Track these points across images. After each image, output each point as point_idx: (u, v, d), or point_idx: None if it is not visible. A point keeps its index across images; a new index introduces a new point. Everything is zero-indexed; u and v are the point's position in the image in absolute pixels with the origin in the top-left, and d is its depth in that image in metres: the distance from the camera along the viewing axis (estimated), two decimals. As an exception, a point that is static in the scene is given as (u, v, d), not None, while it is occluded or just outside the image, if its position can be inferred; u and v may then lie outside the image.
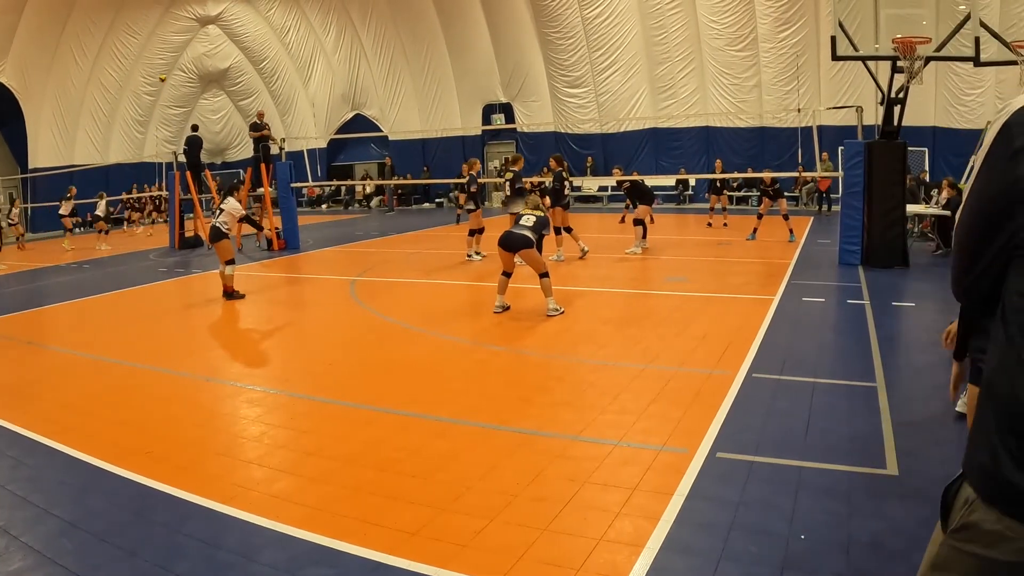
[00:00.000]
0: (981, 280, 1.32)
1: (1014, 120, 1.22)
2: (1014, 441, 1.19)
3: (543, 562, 3.16)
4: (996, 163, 1.24)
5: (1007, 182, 1.21)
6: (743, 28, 20.58)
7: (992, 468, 1.22)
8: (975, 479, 1.26)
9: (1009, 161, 1.21)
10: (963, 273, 1.36)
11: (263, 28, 28.42)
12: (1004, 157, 1.22)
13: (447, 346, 7.21)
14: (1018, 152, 1.19)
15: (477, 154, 24.60)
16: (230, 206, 10.54)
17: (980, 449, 1.26)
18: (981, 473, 1.25)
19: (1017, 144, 1.20)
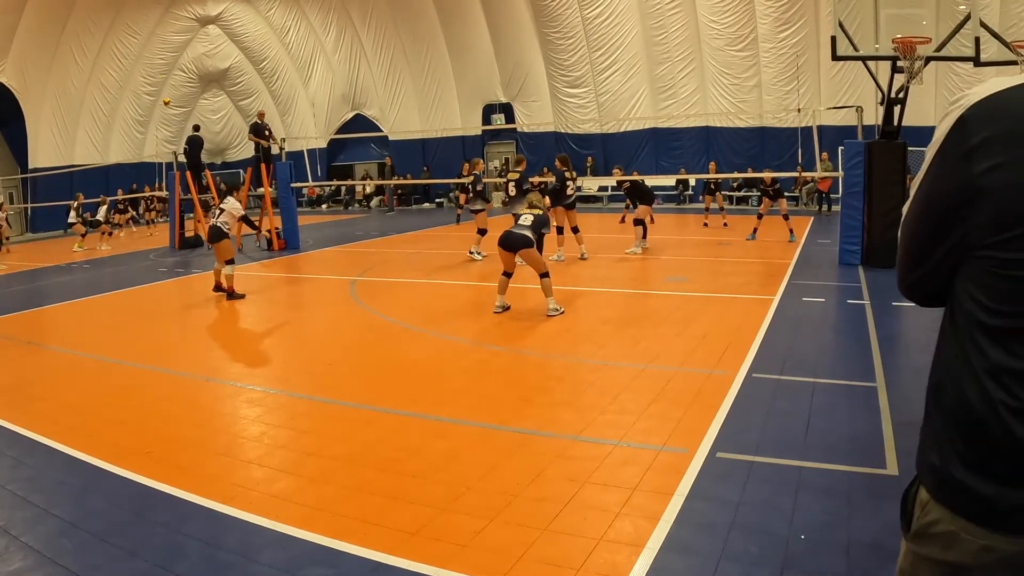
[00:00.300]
0: (928, 279, 1.26)
1: (971, 114, 1.14)
2: (962, 443, 1.18)
3: (543, 562, 3.16)
4: (949, 159, 1.16)
5: (960, 180, 1.14)
6: (743, 28, 20.58)
7: (942, 468, 1.20)
8: (927, 480, 1.25)
9: (963, 158, 1.13)
10: (909, 271, 1.29)
11: (263, 28, 28.42)
12: (958, 154, 1.14)
13: (447, 346, 7.21)
14: (974, 149, 1.11)
15: (477, 154, 24.59)
16: (230, 206, 10.56)
17: (930, 450, 1.24)
18: (932, 474, 1.23)
19: (973, 141, 1.12)
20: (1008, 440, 1.11)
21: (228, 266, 10.12)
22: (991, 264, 1.12)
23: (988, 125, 1.11)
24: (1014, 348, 1.11)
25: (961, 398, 1.17)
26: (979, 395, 1.14)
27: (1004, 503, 1.12)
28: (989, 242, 1.11)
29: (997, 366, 1.12)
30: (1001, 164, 1.09)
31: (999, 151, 1.09)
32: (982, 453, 1.15)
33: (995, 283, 1.12)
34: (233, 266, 10.29)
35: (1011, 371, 1.11)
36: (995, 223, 1.10)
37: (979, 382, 1.14)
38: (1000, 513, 1.13)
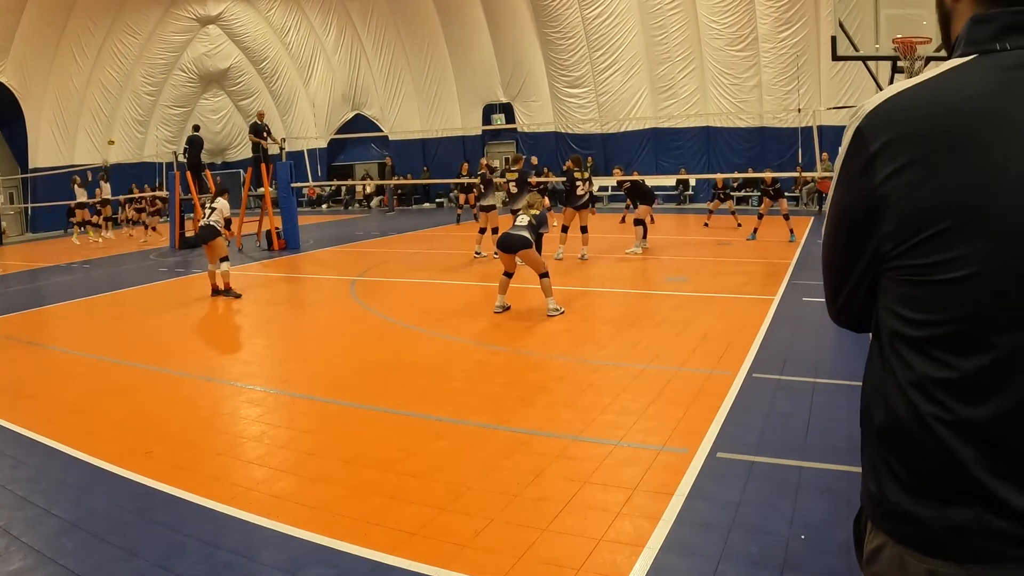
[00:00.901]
0: (852, 301, 1.21)
1: (866, 124, 1.10)
2: (896, 460, 1.12)
3: (543, 562, 3.16)
4: (851, 173, 1.12)
5: (864, 192, 1.09)
6: (743, 28, 20.58)
7: (878, 493, 1.16)
8: (867, 507, 1.21)
9: (864, 170, 1.09)
10: (834, 293, 1.24)
11: (263, 28, 28.43)
12: (858, 166, 1.10)
13: (447, 346, 7.21)
14: (873, 158, 1.08)
15: (477, 154, 24.60)
16: (220, 205, 10.59)
17: (867, 476, 1.20)
18: (870, 500, 1.19)
19: (872, 149, 1.08)
20: (943, 455, 1.06)
21: (224, 264, 10.16)
22: (905, 273, 1.08)
23: (883, 132, 1.07)
24: (940, 357, 1.05)
25: (890, 416, 1.12)
26: (908, 411, 1.09)
27: (942, 526, 1.07)
28: (900, 250, 1.07)
29: (924, 378, 1.07)
30: (900, 168, 1.05)
31: (897, 155, 1.05)
32: (917, 472, 1.10)
33: (911, 292, 1.08)
34: (229, 263, 10.31)
35: (939, 382, 1.06)
36: (902, 229, 1.06)
37: (907, 397, 1.09)
38: (939, 538, 1.07)
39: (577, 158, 12.71)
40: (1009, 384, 1.01)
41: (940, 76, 1.08)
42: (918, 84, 1.09)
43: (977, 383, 1.03)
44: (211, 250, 10.25)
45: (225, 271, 10.17)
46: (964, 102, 1.04)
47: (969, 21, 1.11)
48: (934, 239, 1.03)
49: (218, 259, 10.22)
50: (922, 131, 1.05)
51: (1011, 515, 1.02)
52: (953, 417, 1.05)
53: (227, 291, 10.17)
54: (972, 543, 1.05)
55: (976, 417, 1.04)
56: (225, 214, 10.64)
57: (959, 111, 1.03)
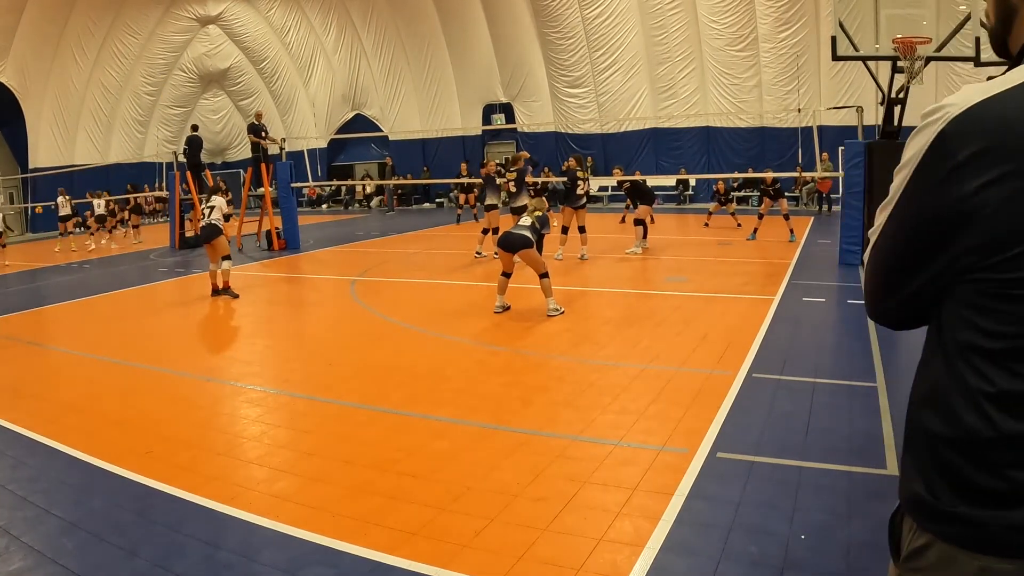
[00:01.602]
0: (906, 306, 1.18)
1: (952, 130, 1.03)
2: (955, 468, 1.10)
3: (543, 562, 3.16)
4: (932, 179, 1.06)
5: (949, 201, 1.04)
6: (743, 28, 20.58)
7: (930, 498, 1.13)
8: (912, 511, 1.18)
9: (948, 179, 1.03)
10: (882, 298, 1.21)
11: (263, 28, 28.44)
12: (941, 173, 1.04)
13: (447, 346, 7.21)
14: (960, 167, 1.02)
15: (477, 154, 24.62)
16: (217, 203, 10.57)
17: (914, 479, 1.17)
18: (918, 504, 1.17)
19: (959, 158, 1.02)
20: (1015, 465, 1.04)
21: (226, 262, 10.17)
22: (989, 286, 1.04)
23: (972, 141, 1.01)
24: (1022, 371, 1.03)
25: (956, 426, 1.09)
26: (981, 422, 1.06)
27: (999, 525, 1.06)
28: (986, 264, 1.03)
29: (1003, 391, 1.04)
30: (992, 182, 1.00)
31: (988, 168, 1.00)
32: (980, 482, 1.08)
33: (994, 304, 1.04)
34: (230, 262, 10.32)
35: (1020, 395, 1.03)
36: (991, 244, 1.02)
37: (980, 408, 1.07)
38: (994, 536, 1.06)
39: (579, 157, 12.74)
40: None
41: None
42: (1007, 90, 1.03)
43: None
44: (213, 249, 10.26)
45: (226, 269, 10.19)
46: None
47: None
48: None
49: (219, 257, 10.24)
50: (1016, 143, 0.99)
51: None
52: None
53: (226, 290, 10.18)
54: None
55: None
56: (224, 210, 10.68)
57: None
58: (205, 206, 10.69)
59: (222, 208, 10.58)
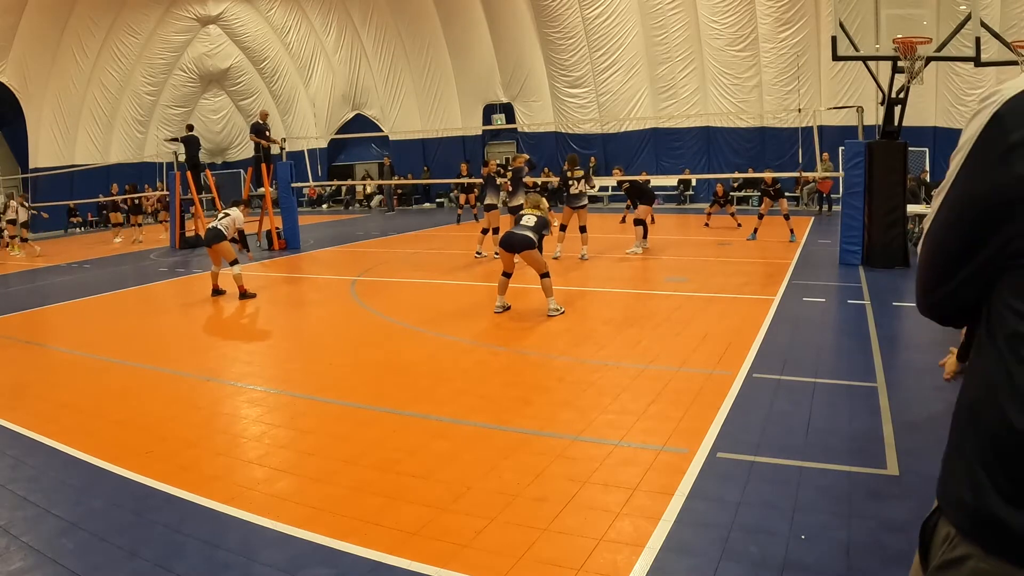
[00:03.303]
0: (958, 294, 1.16)
1: (1007, 110, 1.04)
2: (1002, 472, 1.06)
3: (543, 562, 3.16)
4: (986, 160, 1.06)
5: (1002, 182, 1.03)
6: (744, 28, 20.59)
7: (974, 502, 1.09)
8: (955, 515, 1.14)
9: (1001, 159, 1.03)
10: (935, 286, 1.19)
11: (264, 28, 28.43)
12: (995, 155, 1.04)
13: (447, 346, 7.21)
14: (1015, 146, 1.02)
15: (478, 154, 24.63)
16: (235, 214, 10.70)
17: (959, 481, 1.13)
18: (961, 508, 1.12)
19: (1014, 137, 1.02)
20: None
21: (235, 266, 10.18)
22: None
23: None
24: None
25: (1006, 425, 1.05)
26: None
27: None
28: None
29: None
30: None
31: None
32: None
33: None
34: (239, 265, 10.33)
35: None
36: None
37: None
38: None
39: (573, 157, 12.76)
40: None
41: None
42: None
43: None
44: (215, 253, 10.25)
45: (237, 274, 10.17)
46: None
47: None
48: None
49: (223, 262, 10.26)
50: None
51: None
52: None
53: (243, 294, 10.14)
54: None
55: None
56: (239, 225, 10.72)
57: None
58: (222, 212, 10.75)
59: (237, 221, 10.64)
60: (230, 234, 10.43)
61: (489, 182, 12.94)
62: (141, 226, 20.72)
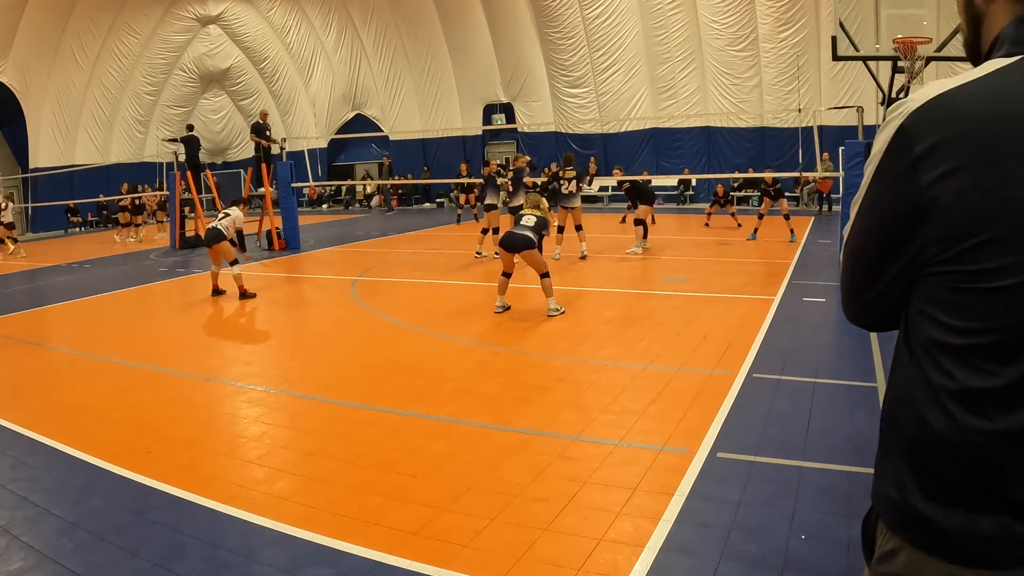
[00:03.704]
0: (877, 304, 1.17)
1: (912, 122, 1.04)
2: (925, 470, 1.10)
3: (543, 562, 3.16)
4: (893, 172, 1.07)
5: (907, 194, 1.05)
6: (744, 28, 20.58)
7: (900, 500, 1.13)
8: (885, 512, 1.18)
9: (908, 170, 1.04)
10: (855, 296, 1.20)
11: (264, 28, 28.43)
12: (902, 166, 1.05)
13: (447, 346, 7.21)
14: (919, 159, 1.03)
15: (478, 154, 24.63)
16: (235, 214, 10.74)
17: (887, 481, 1.17)
18: (890, 505, 1.16)
19: (918, 150, 1.03)
20: (979, 466, 1.04)
21: (235, 266, 10.18)
22: (949, 279, 1.04)
23: (931, 132, 1.02)
24: (983, 366, 1.03)
25: (923, 426, 1.09)
26: (946, 421, 1.06)
27: (968, 534, 1.06)
28: (946, 255, 1.03)
29: (966, 388, 1.04)
30: (950, 172, 1.01)
31: (946, 158, 1.01)
32: (948, 482, 1.08)
33: (957, 299, 1.04)
34: (240, 265, 10.33)
35: (982, 392, 1.03)
36: (950, 234, 1.02)
37: (944, 407, 1.06)
38: (963, 546, 1.07)
39: (568, 156, 12.80)
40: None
41: (988, 77, 1.03)
42: (966, 84, 1.04)
43: (1019, 392, 1.01)
44: (215, 253, 10.26)
45: (237, 275, 10.17)
46: (1014, 106, 1.00)
47: (1015, 20, 1.07)
48: (985, 246, 1.00)
49: (223, 262, 10.27)
50: (972, 134, 1.00)
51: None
52: (995, 427, 1.03)
53: (243, 294, 10.14)
54: (996, 550, 1.05)
55: (1016, 426, 1.02)
56: (238, 224, 10.77)
57: (1011, 115, 1.00)
58: (222, 211, 10.78)
59: (236, 221, 10.70)
60: (230, 234, 10.45)
61: (489, 182, 12.96)
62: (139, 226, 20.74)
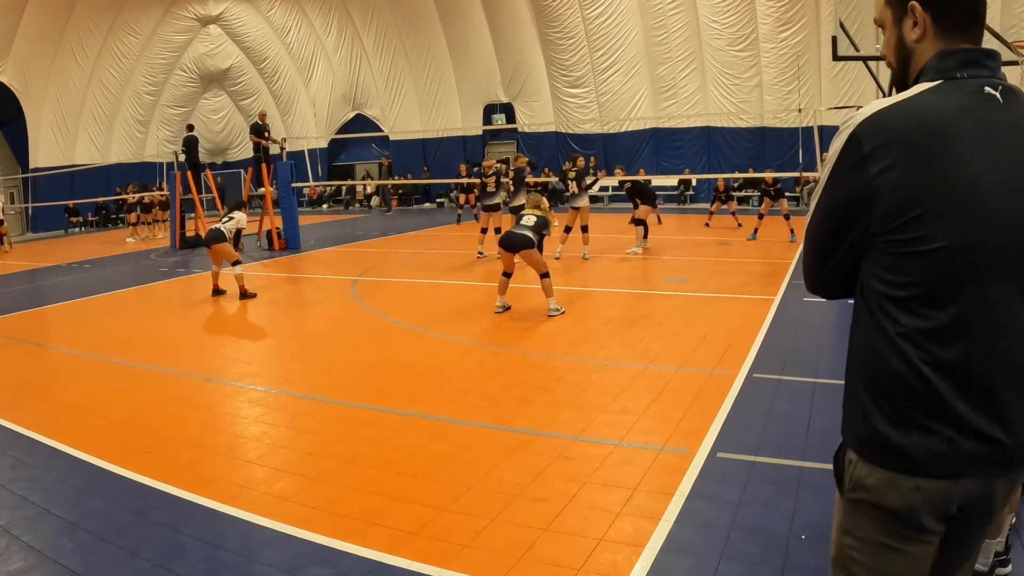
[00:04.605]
0: (836, 271, 1.49)
1: (860, 130, 1.38)
2: (886, 401, 1.39)
3: (543, 562, 3.16)
4: (845, 169, 1.40)
5: (858, 184, 1.37)
6: (744, 28, 20.58)
7: (866, 429, 1.42)
8: (854, 444, 1.47)
9: (858, 166, 1.37)
10: (818, 268, 1.53)
11: (264, 28, 28.43)
12: (852, 163, 1.38)
13: (448, 346, 7.21)
14: (866, 157, 1.36)
15: (478, 154, 24.62)
16: (238, 216, 10.87)
17: (855, 417, 1.46)
18: (860, 439, 1.45)
19: (864, 151, 1.36)
20: (927, 391, 1.35)
21: (237, 267, 10.20)
22: (891, 246, 1.36)
23: (874, 137, 1.36)
24: (920, 311, 1.35)
25: (882, 364, 1.39)
26: (898, 357, 1.37)
27: (924, 451, 1.36)
28: (887, 228, 1.36)
29: (910, 329, 1.36)
30: (888, 167, 1.34)
31: (885, 156, 1.34)
32: (904, 409, 1.37)
33: (896, 261, 1.36)
34: (241, 265, 10.35)
35: (922, 331, 1.35)
36: (889, 213, 1.35)
37: (896, 346, 1.37)
38: (921, 461, 1.36)
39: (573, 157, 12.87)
40: (972, 329, 1.34)
41: (918, 96, 1.39)
42: (901, 101, 1.38)
43: (950, 330, 1.34)
44: (215, 253, 10.29)
45: (238, 274, 10.19)
46: (936, 117, 1.35)
47: (938, 54, 1.43)
48: (915, 220, 1.33)
49: (223, 262, 10.31)
50: (905, 139, 1.34)
51: (976, 436, 1.34)
52: (933, 358, 1.34)
53: (243, 294, 10.15)
54: (947, 463, 1.36)
55: (951, 357, 1.34)
56: (240, 225, 10.91)
57: (932, 124, 1.34)
58: (227, 215, 10.87)
59: (239, 224, 10.84)
60: (230, 235, 10.49)
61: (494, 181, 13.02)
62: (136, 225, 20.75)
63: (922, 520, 1.40)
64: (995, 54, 1.44)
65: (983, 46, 1.45)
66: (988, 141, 1.35)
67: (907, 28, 1.49)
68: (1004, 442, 1.34)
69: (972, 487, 1.38)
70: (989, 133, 1.36)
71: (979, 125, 1.35)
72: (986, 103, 1.37)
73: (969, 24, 1.44)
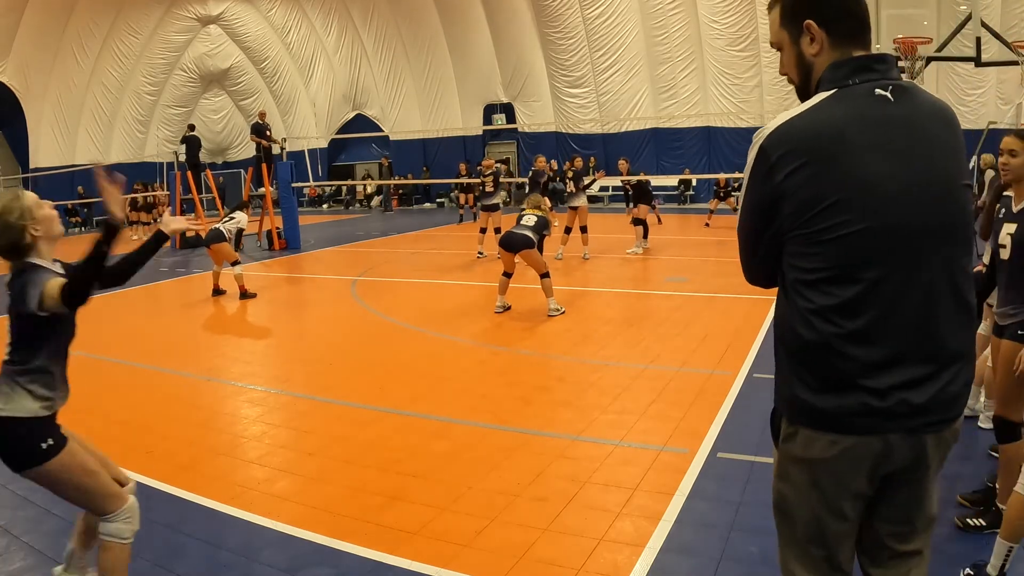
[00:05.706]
0: (763, 263, 1.71)
1: (767, 143, 1.59)
2: (804, 369, 1.60)
3: (543, 562, 3.16)
4: (758, 177, 1.62)
5: (768, 190, 1.59)
6: (744, 28, 20.58)
7: (792, 396, 1.64)
8: (783, 406, 1.69)
9: (768, 173, 1.59)
10: (749, 261, 1.75)
11: (264, 28, 28.44)
12: (763, 171, 1.60)
13: (448, 346, 7.21)
14: (773, 166, 1.57)
15: (478, 154, 24.62)
16: (239, 217, 10.89)
17: (782, 384, 1.68)
18: (787, 404, 1.67)
19: (772, 159, 1.57)
20: (837, 358, 1.55)
21: (236, 267, 10.20)
22: (802, 237, 1.57)
23: (779, 147, 1.57)
24: (827, 290, 1.55)
25: (798, 338, 1.60)
26: (810, 331, 1.58)
27: (839, 411, 1.56)
28: (798, 223, 1.57)
29: (820, 306, 1.56)
30: (793, 171, 1.55)
31: (790, 163, 1.55)
32: (820, 375, 1.58)
33: (806, 249, 1.57)
34: (241, 265, 10.35)
35: (830, 307, 1.55)
36: (798, 210, 1.56)
37: (808, 321, 1.58)
38: (837, 419, 1.57)
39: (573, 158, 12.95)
40: (873, 304, 1.53)
41: (816, 106, 1.58)
42: (801, 113, 1.58)
43: (854, 305, 1.54)
44: (215, 253, 10.30)
45: (239, 274, 10.19)
46: (831, 123, 1.55)
47: (831, 65, 1.62)
48: (820, 214, 1.54)
49: (224, 262, 10.31)
50: (805, 146, 1.55)
51: (881, 396, 1.54)
52: (841, 330, 1.55)
53: (243, 294, 10.15)
54: (859, 421, 1.56)
55: (856, 328, 1.54)
56: (241, 225, 10.92)
57: (829, 130, 1.55)
58: (226, 216, 10.89)
59: (239, 224, 10.84)
60: (230, 236, 10.50)
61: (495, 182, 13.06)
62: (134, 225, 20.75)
63: (843, 471, 1.59)
64: (886, 57, 1.63)
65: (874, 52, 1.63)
66: (881, 137, 1.54)
67: (805, 45, 1.66)
68: (911, 400, 1.54)
69: (900, 444, 1.57)
70: (880, 130, 1.55)
71: (871, 124, 1.55)
72: (877, 104, 1.56)
73: (859, 32, 1.63)
